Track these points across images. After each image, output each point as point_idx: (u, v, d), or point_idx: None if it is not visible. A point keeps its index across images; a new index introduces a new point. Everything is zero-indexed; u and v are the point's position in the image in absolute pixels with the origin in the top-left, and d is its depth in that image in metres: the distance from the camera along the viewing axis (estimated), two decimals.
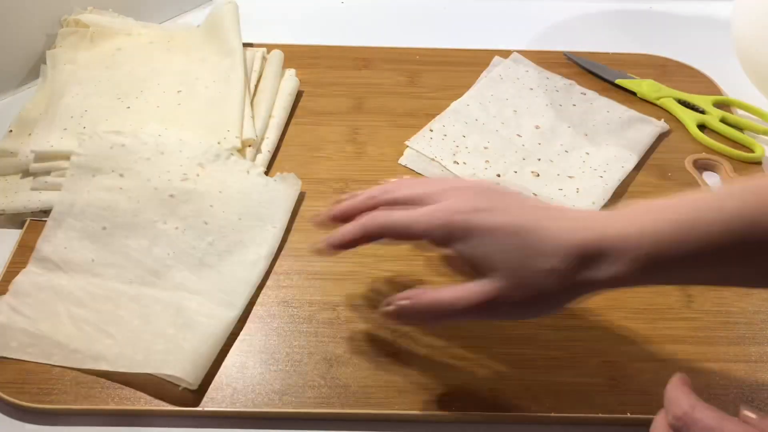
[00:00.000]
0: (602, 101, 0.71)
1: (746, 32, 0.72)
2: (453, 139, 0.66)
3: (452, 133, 0.66)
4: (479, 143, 0.65)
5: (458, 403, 0.48)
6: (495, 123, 0.68)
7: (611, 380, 0.50)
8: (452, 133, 0.66)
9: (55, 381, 0.48)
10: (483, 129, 0.67)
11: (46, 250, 0.55)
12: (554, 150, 0.65)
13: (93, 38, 0.73)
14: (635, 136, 0.67)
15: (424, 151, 0.64)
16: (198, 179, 0.59)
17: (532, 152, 0.65)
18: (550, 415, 0.48)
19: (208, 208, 0.58)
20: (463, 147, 0.65)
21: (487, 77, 0.73)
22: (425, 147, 0.65)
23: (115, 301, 0.52)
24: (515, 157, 0.64)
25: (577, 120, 0.68)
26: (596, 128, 0.68)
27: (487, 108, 0.69)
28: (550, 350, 0.51)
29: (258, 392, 0.48)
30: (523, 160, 0.64)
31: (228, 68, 0.69)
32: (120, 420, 0.48)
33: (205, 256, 0.55)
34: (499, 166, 0.63)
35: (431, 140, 0.66)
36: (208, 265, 0.55)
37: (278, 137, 0.67)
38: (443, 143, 0.65)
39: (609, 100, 0.71)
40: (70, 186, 0.58)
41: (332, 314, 0.53)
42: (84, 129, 0.63)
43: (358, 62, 0.77)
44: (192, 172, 0.60)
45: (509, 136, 0.66)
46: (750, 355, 0.51)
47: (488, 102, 0.70)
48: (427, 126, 0.67)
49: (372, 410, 0.48)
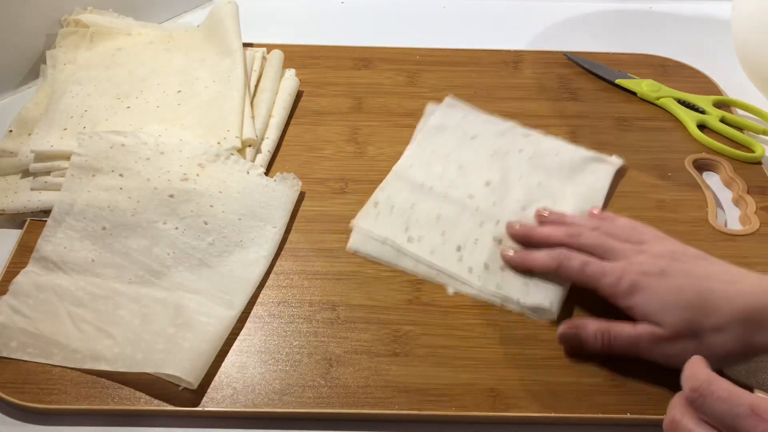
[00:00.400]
0: (549, 143, 0.66)
1: (746, 32, 0.72)
2: (402, 210, 0.59)
3: (400, 204, 0.59)
4: (431, 212, 0.59)
5: (458, 402, 0.48)
6: (442, 185, 0.61)
7: (612, 380, 0.50)
8: (400, 204, 0.59)
9: (55, 381, 0.48)
10: (431, 194, 0.60)
11: (46, 250, 0.55)
12: (511, 208, 0.59)
13: (93, 38, 0.73)
14: (591, 182, 0.62)
15: (372, 230, 0.58)
16: (198, 179, 0.59)
17: (489, 215, 0.59)
18: (550, 415, 0.48)
19: (208, 209, 0.58)
20: (414, 219, 0.58)
21: (423, 129, 0.67)
22: (373, 225, 0.58)
23: (114, 301, 0.52)
24: (471, 223, 0.58)
25: (526, 168, 0.63)
26: (549, 175, 0.62)
27: (431, 167, 0.63)
28: (551, 350, 0.51)
29: (258, 392, 0.48)
30: (481, 226, 0.58)
31: (228, 68, 0.69)
32: (120, 420, 0.48)
33: (205, 256, 0.55)
34: (457, 237, 0.57)
35: (378, 216, 0.59)
36: (208, 265, 0.55)
37: (278, 137, 0.67)
38: (392, 218, 0.58)
39: (555, 140, 0.66)
40: (70, 186, 0.58)
41: (332, 314, 0.53)
42: (84, 129, 0.63)
43: (358, 62, 0.77)
44: (192, 172, 0.60)
45: (461, 198, 0.60)
46: None
47: (431, 160, 0.64)
48: (372, 199, 0.60)
49: (372, 410, 0.48)
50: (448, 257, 0.56)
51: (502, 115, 0.70)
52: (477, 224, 0.58)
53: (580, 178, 0.63)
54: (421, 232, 0.58)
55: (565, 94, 0.74)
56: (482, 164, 0.63)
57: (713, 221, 0.61)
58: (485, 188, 0.61)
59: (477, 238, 0.57)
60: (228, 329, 0.51)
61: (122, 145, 0.60)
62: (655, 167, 0.66)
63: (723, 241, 0.59)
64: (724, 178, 0.65)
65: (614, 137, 0.69)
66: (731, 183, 0.64)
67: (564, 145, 0.66)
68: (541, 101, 0.73)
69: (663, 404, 0.48)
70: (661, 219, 0.60)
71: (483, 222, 0.58)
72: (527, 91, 0.74)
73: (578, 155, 0.65)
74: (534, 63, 0.77)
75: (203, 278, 0.54)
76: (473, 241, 0.57)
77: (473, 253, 0.56)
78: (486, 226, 0.58)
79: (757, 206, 0.62)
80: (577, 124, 0.70)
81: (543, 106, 0.72)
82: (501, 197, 0.60)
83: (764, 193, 0.63)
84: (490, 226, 0.58)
